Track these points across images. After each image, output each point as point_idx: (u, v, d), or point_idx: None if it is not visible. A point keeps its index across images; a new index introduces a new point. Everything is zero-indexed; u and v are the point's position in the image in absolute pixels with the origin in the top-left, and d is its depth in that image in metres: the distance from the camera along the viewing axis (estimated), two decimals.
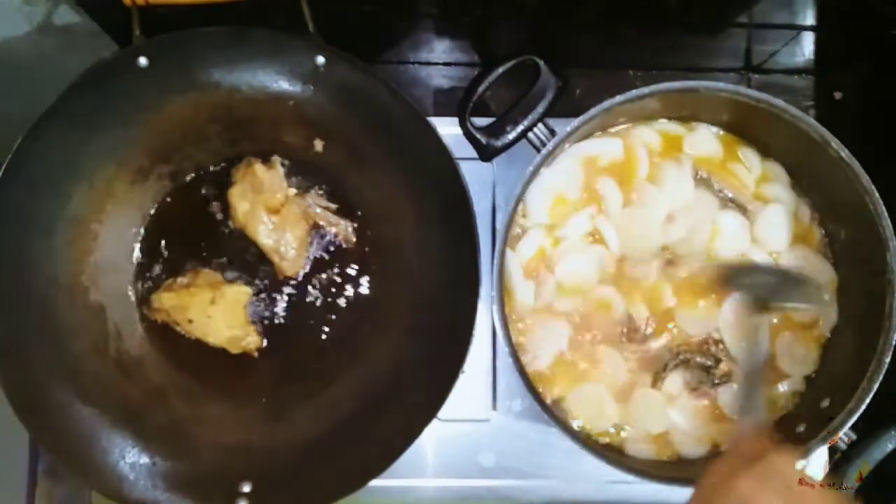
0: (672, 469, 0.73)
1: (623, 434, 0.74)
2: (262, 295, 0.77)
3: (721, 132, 0.77)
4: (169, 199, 0.77)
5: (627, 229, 0.75)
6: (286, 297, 0.77)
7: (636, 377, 0.74)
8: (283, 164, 0.76)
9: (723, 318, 0.74)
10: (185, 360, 0.76)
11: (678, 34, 0.83)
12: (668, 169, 0.76)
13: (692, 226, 0.75)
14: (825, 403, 0.70)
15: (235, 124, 0.75)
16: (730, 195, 0.76)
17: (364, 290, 0.77)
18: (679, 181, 0.75)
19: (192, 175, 0.77)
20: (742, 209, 0.76)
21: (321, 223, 0.77)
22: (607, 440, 0.74)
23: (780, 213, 0.76)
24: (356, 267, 0.77)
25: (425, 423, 0.68)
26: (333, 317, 0.77)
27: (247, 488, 0.70)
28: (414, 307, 0.75)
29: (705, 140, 0.77)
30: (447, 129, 0.71)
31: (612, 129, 0.77)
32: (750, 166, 0.77)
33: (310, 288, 0.77)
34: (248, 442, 0.73)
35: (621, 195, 0.75)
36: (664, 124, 0.77)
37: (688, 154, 0.77)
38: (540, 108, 0.70)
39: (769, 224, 0.76)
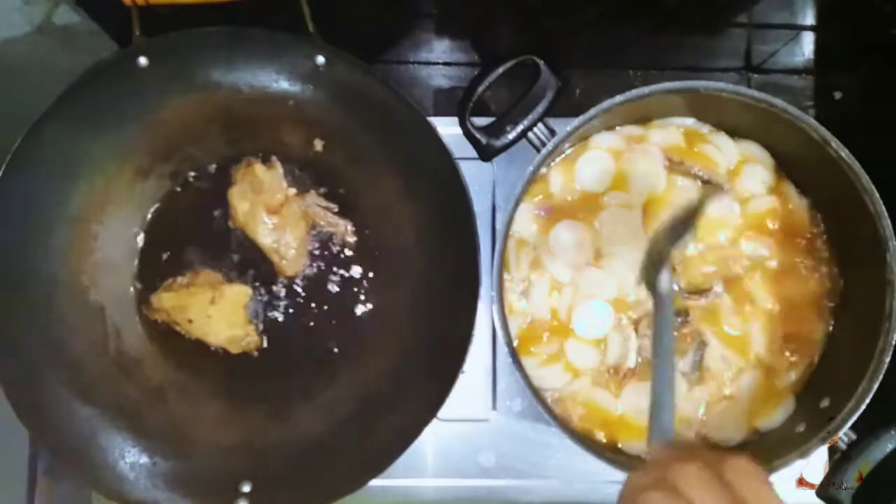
0: None
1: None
2: (262, 295, 0.77)
3: (687, 122, 0.76)
4: (169, 199, 0.77)
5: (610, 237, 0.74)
6: (286, 297, 0.77)
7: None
8: (283, 165, 0.76)
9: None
10: (185, 360, 0.76)
11: (678, 34, 0.83)
12: (635, 160, 0.75)
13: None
14: (825, 403, 0.69)
15: (235, 124, 0.75)
16: (705, 176, 0.75)
17: (364, 290, 0.77)
18: (649, 167, 0.74)
19: (193, 175, 0.77)
20: (719, 188, 0.75)
21: (321, 223, 0.77)
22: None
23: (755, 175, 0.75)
24: (356, 267, 0.77)
25: (425, 423, 0.68)
26: (333, 317, 0.77)
27: (247, 488, 0.70)
28: (414, 307, 0.75)
29: (670, 133, 0.76)
30: (447, 129, 0.71)
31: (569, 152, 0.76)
32: (721, 148, 0.75)
33: (310, 288, 0.77)
34: (248, 442, 0.73)
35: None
36: (628, 128, 0.76)
37: (654, 144, 0.76)
38: (540, 108, 0.70)
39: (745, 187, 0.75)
